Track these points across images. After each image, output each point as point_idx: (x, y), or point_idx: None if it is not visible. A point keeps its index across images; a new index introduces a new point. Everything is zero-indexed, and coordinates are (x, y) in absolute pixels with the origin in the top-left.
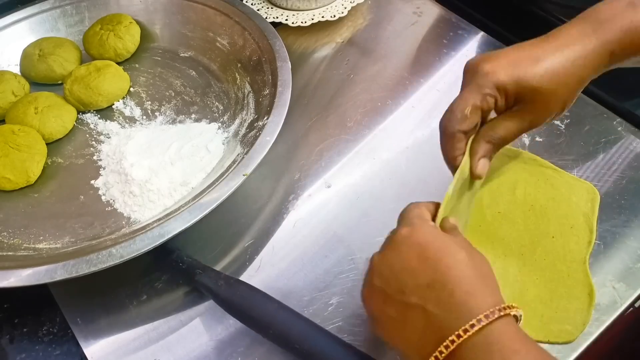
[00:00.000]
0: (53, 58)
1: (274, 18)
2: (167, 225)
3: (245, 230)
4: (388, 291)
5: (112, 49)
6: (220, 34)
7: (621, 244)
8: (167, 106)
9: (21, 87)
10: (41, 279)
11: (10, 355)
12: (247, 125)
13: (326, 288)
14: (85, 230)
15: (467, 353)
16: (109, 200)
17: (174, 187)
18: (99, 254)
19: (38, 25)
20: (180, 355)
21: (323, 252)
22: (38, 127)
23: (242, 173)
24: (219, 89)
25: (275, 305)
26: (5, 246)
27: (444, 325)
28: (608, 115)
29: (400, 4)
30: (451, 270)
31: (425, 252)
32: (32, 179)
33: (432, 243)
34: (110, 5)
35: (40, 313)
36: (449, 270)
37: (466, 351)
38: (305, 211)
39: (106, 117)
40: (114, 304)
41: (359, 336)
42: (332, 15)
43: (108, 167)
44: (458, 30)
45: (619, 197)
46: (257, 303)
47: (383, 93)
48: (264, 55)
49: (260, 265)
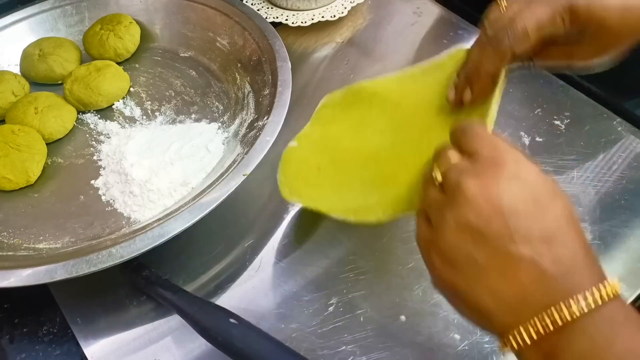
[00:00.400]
0: (53, 58)
1: (274, 18)
2: (167, 225)
3: (245, 230)
4: (487, 232)
5: (112, 49)
6: (220, 34)
7: (621, 244)
8: (167, 106)
9: (21, 87)
10: (41, 279)
11: (10, 355)
12: (247, 125)
13: (326, 288)
14: (85, 230)
15: (585, 325)
16: (109, 200)
17: (174, 187)
18: (99, 254)
19: (38, 25)
20: (180, 355)
21: (323, 252)
22: (38, 127)
23: (242, 173)
24: (219, 89)
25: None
26: (5, 246)
27: (560, 289)
28: (608, 115)
29: (400, 4)
30: (572, 226)
31: (541, 197)
32: (32, 179)
33: (543, 186)
34: (110, 5)
35: (40, 313)
36: (569, 226)
37: (585, 323)
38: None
39: (106, 117)
40: (114, 304)
41: (358, 335)
42: (332, 15)
43: (108, 167)
44: (458, 30)
45: (619, 197)
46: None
47: None
48: (264, 55)
49: (260, 265)
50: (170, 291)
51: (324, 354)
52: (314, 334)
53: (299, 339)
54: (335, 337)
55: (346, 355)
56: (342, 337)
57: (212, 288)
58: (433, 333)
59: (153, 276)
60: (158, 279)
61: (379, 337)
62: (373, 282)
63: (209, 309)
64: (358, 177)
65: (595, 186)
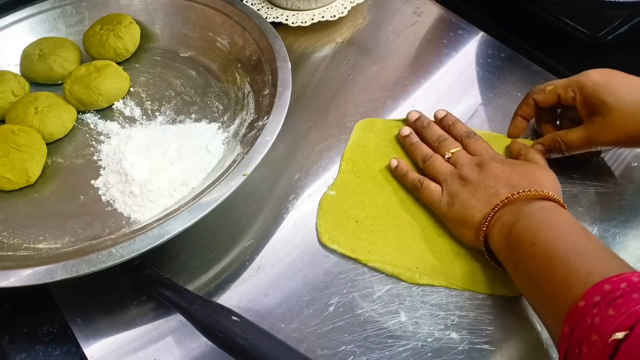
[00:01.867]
0: (53, 58)
1: (274, 18)
2: (167, 225)
3: (245, 230)
4: (479, 184)
5: (112, 49)
6: (220, 34)
7: (621, 244)
8: (167, 106)
9: (21, 87)
10: (41, 278)
11: (10, 355)
12: (247, 125)
13: (326, 288)
14: (85, 230)
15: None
16: (109, 200)
17: (174, 187)
18: (99, 253)
19: (38, 25)
20: (181, 355)
21: (323, 252)
22: (38, 127)
23: (242, 173)
24: (219, 89)
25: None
26: (5, 246)
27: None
28: None
29: (400, 4)
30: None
31: (535, 175)
32: (32, 179)
33: (540, 170)
34: (110, 5)
35: (40, 313)
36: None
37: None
38: (305, 211)
39: (106, 117)
40: (114, 304)
41: (358, 335)
42: (332, 15)
43: (108, 167)
44: (458, 30)
45: (619, 197)
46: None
47: (383, 93)
48: (264, 55)
49: (260, 265)
50: (172, 290)
51: (324, 354)
52: (314, 334)
53: (299, 339)
54: (335, 337)
55: (346, 355)
56: (342, 337)
57: (213, 288)
58: (433, 333)
59: (154, 275)
60: (159, 278)
61: (379, 337)
62: (373, 282)
63: (210, 307)
64: (393, 235)
65: (595, 186)
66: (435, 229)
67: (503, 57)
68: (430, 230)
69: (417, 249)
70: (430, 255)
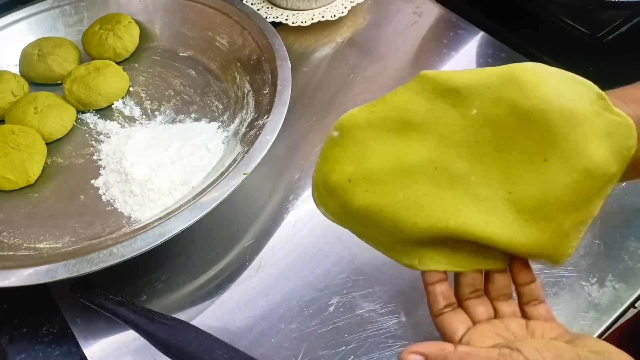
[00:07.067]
0: (52, 58)
1: (274, 18)
2: (168, 225)
3: (245, 230)
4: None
5: (111, 49)
6: (220, 33)
7: (621, 244)
8: (167, 105)
9: (20, 87)
10: (42, 278)
11: (10, 355)
12: (247, 124)
13: (326, 288)
14: (86, 229)
15: None
16: (109, 200)
17: (174, 186)
18: (99, 253)
19: (37, 25)
20: None
21: (323, 252)
22: (38, 127)
23: (243, 172)
24: (218, 88)
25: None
26: (6, 246)
27: None
28: None
29: (400, 4)
30: None
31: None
32: (32, 179)
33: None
34: (109, 5)
35: (40, 313)
36: None
37: None
38: (305, 211)
39: (106, 117)
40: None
41: (358, 335)
42: (332, 15)
43: (108, 167)
44: (458, 30)
45: (619, 197)
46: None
47: (383, 93)
48: (263, 54)
49: (260, 265)
50: (124, 307)
51: (324, 354)
52: (314, 334)
53: (299, 339)
54: (335, 337)
55: (346, 356)
56: (342, 337)
57: (212, 288)
58: (433, 333)
59: (105, 294)
60: (111, 297)
61: (379, 337)
62: (373, 282)
63: (161, 319)
64: (393, 207)
65: None
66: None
67: (503, 57)
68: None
69: (420, 226)
70: (438, 231)
